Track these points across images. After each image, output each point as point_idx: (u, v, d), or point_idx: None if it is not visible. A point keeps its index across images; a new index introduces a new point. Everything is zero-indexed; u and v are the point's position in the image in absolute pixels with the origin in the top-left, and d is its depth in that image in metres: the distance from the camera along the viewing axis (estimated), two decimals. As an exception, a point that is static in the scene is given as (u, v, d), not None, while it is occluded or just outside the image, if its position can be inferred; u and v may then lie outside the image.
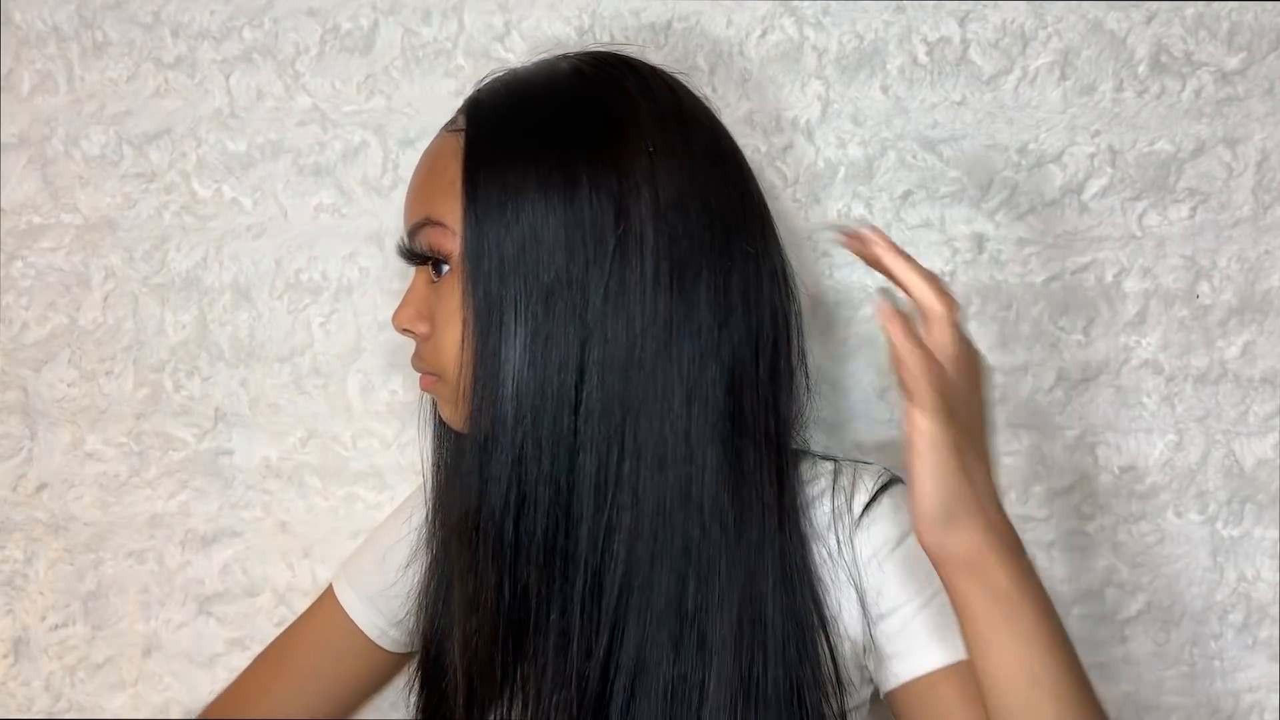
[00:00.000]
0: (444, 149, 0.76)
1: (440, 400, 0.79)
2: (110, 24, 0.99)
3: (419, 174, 0.77)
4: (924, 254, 0.97)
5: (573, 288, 0.70)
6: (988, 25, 0.95)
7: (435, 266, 0.76)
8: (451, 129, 0.77)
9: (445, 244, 0.73)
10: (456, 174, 0.73)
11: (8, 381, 1.03)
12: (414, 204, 0.76)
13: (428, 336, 0.77)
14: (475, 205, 0.71)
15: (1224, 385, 0.97)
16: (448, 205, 0.73)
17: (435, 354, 0.76)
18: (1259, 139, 0.95)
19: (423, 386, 0.79)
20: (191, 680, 1.04)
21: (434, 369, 0.77)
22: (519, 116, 0.74)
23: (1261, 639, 0.98)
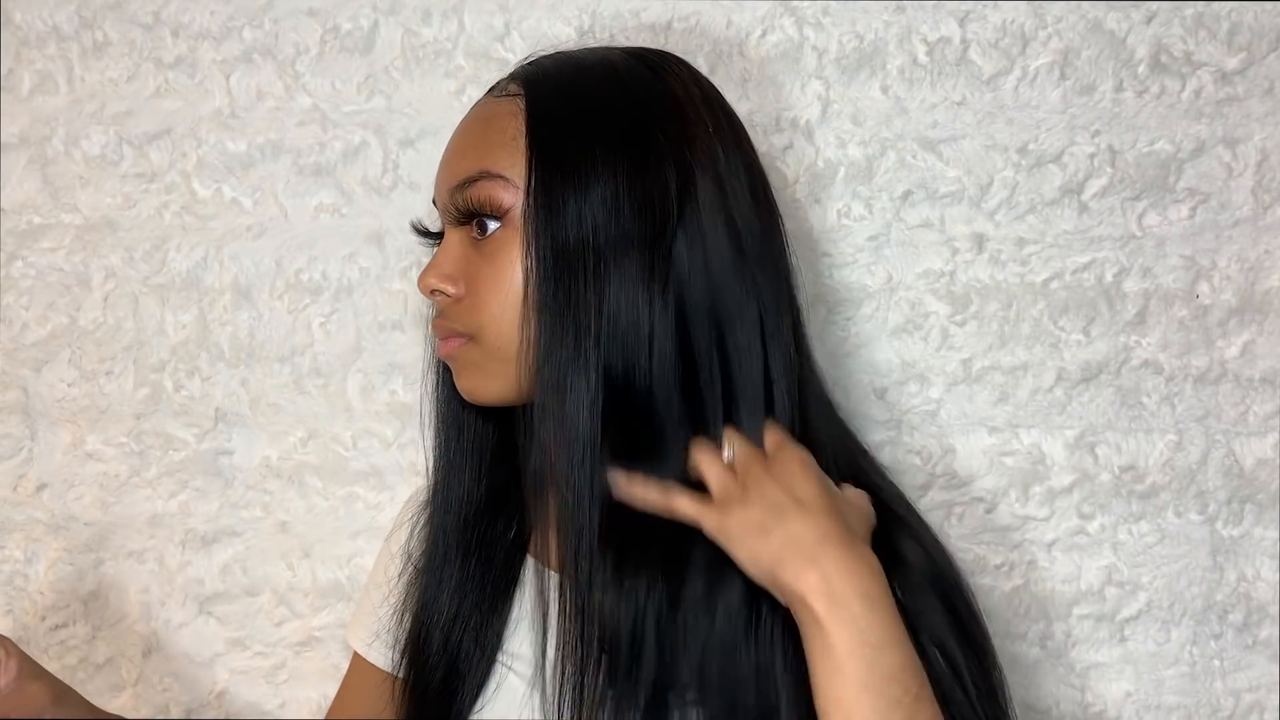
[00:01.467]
0: (497, 110, 0.75)
1: (463, 366, 0.76)
2: (110, 24, 0.99)
3: (467, 134, 0.77)
4: (924, 254, 0.97)
5: (643, 248, 0.70)
6: (988, 25, 0.95)
7: (480, 225, 0.74)
8: (501, 94, 0.77)
9: (505, 198, 0.73)
10: (517, 131, 0.73)
11: (8, 381, 1.03)
12: (462, 160, 0.75)
13: (460, 298, 0.75)
14: (544, 160, 0.72)
15: (1224, 385, 0.97)
16: (509, 160, 0.73)
17: (472, 313, 0.74)
18: (1259, 139, 0.95)
19: (444, 352, 0.77)
20: (191, 680, 1.04)
21: (468, 329, 0.74)
22: (583, 83, 0.75)
23: (1261, 639, 0.98)
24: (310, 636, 1.03)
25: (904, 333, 0.97)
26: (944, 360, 0.98)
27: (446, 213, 0.77)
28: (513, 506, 0.83)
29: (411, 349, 1.00)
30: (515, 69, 0.79)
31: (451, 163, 0.76)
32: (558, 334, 0.70)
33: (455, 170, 0.75)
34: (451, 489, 0.82)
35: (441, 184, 0.77)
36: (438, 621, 0.81)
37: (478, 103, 0.79)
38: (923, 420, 0.98)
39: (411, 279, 1.00)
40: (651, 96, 0.74)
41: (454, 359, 0.76)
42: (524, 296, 0.71)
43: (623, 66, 0.76)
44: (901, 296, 0.97)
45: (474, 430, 0.83)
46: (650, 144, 0.72)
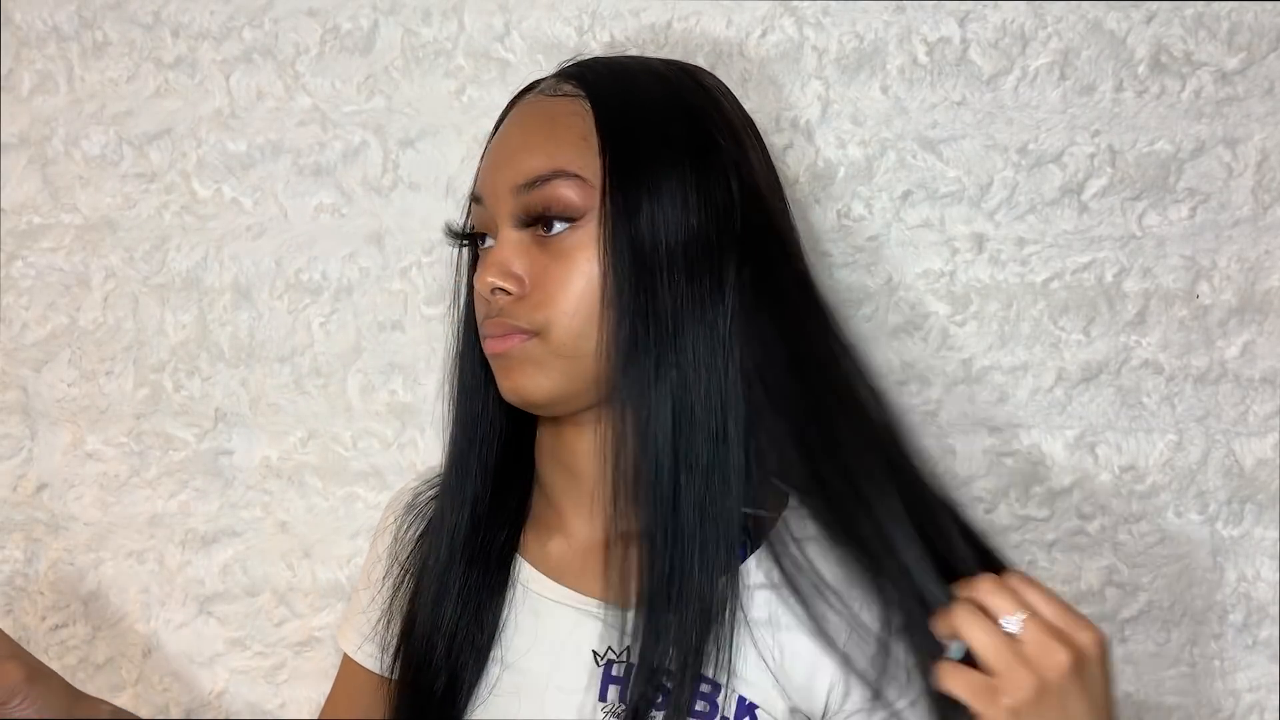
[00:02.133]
0: (560, 109, 0.74)
1: (519, 363, 0.74)
2: (110, 24, 0.99)
3: (528, 132, 0.75)
4: (924, 254, 0.97)
5: (710, 249, 0.71)
6: (988, 25, 0.95)
7: (546, 223, 0.73)
8: (556, 94, 0.76)
9: (580, 197, 0.72)
10: (588, 131, 0.73)
11: (8, 381, 1.03)
12: (529, 159, 0.73)
13: (522, 296, 0.73)
14: (618, 160, 0.72)
15: (1224, 385, 0.97)
16: (582, 159, 0.72)
17: (540, 309, 0.72)
18: (1259, 139, 0.95)
19: (500, 349, 0.74)
20: (191, 680, 1.04)
21: (534, 326, 0.73)
22: (642, 87, 0.75)
23: (1261, 639, 0.98)
24: (310, 636, 1.03)
25: (904, 333, 0.97)
26: (944, 360, 0.97)
27: (505, 211, 0.74)
28: (509, 510, 0.82)
29: (411, 349, 1.00)
30: (560, 69, 0.78)
31: (514, 161, 0.74)
32: (641, 335, 0.70)
33: (521, 169, 0.73)
34: (465, 490, 0.81)
35: (500, 182, 0.75)
36: (441, 628, 0.79)
37: (527, 100, 0.78)
38: (923, 420, 0.98)
39: (412, 279, 1.00)
40: (703, 104, 0.75)
41: (509, 356, 0.74)
42: (601, 296, 0.71)
43: (669, 74, 0.77)
44: (901, 296, 0.97)
45: (489, 432, 0.82)
46: (712, 148, 0.73)
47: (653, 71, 0.77)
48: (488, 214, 0.76)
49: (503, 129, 0.78)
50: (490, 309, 0.75)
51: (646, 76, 0.76)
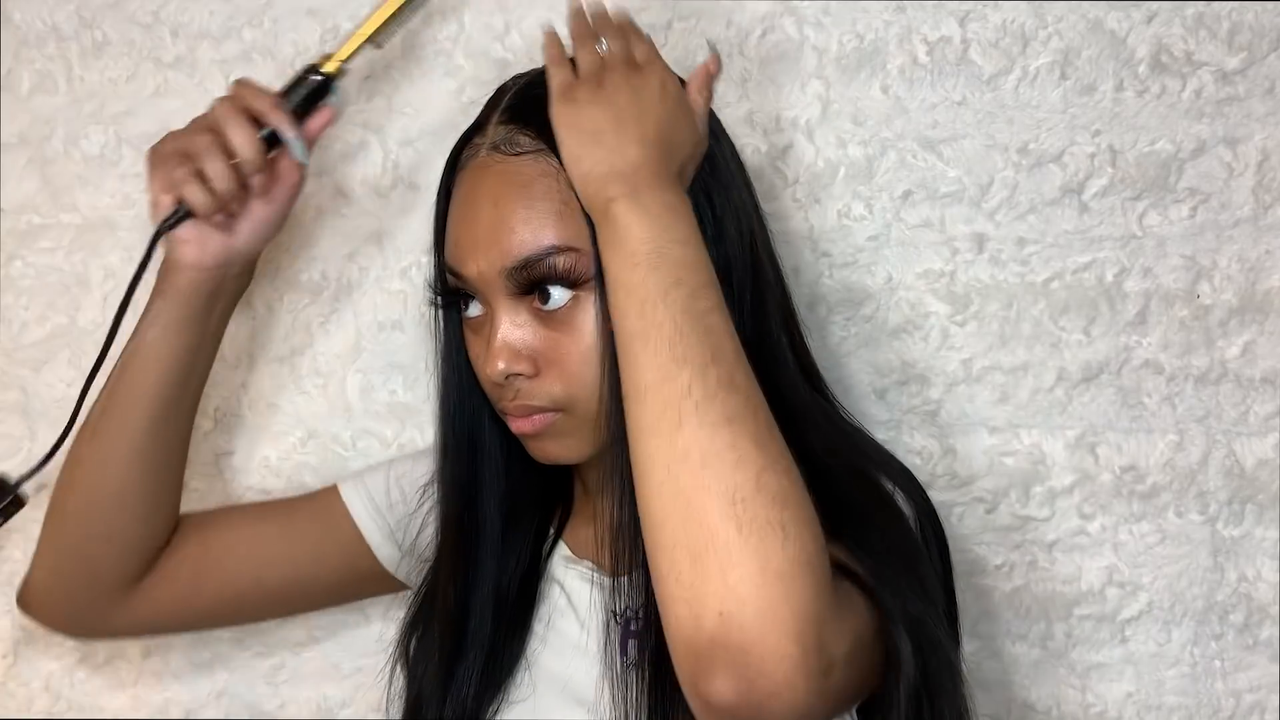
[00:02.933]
0: (528, 173, 0.73)
1: (552, 437, 0.75)
2: (110, 24, 0.99)
3: (504, 205, 0.73)
4: (924, 254, 0.97)
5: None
6: (988, 25, 0.95)
7: (544, 294, 0.72)
8: (514, 150, 0.74)
9: (577, 265, 0.71)
10: (565, 195, 0.71)
11: (8, 381, 1.03)
12: (512, 236, 0.72)
13: (535, 374, 0.73)
14: None
15: (1224, 385, 0.97)
16: (570, 228, 0.71)
17: (560, 385, 0.73)
18: (1259, 139, 0.95)
19: (531, 429, 0.75)
20: (191, 680, 1.04)
21: (557, 404, 0.73)
22: None
23: (1262, 639, 0.98)
24: (310, 636, 1.03)
25: (904, 333, 0.97)
26: (944, 360, 0.97)
27: (496, 289, 0.73)
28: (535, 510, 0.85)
29: (411, 349, 1.00)
30: (503, 110, 0.76)
31: (497, 241, 0.72)
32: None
33: (508, 251, 0.72)
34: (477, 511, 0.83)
35: (485, 264, 0.73)
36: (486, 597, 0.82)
37: (486, 163, 0.75)
38: (923, 420, 0.98)
39: (412, 279, 1.00)
40: None
41: (539, 435, 0.75)
42: (606, 358, 0.71)
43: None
44: (901, 296, 0.97)
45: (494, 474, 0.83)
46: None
47: None
48: (472, 287, 0.75)
49: (467, 197, 0.75)
50: (504, 392, 0.75)
51: None
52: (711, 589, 0.56)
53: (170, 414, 0.83)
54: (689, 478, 0.58)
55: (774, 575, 0.56)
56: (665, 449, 0.60)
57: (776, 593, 0.56)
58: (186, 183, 0.76)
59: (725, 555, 0.56)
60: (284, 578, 0.89)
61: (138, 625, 0.89)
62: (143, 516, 0.84)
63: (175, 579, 0.87)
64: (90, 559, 0.84)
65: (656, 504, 0.59)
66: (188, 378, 0.83)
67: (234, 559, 0.88)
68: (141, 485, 0.83)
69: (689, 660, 0.57)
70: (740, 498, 0.57)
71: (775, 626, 0.55)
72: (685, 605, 0.57)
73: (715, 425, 0.59)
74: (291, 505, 0.92)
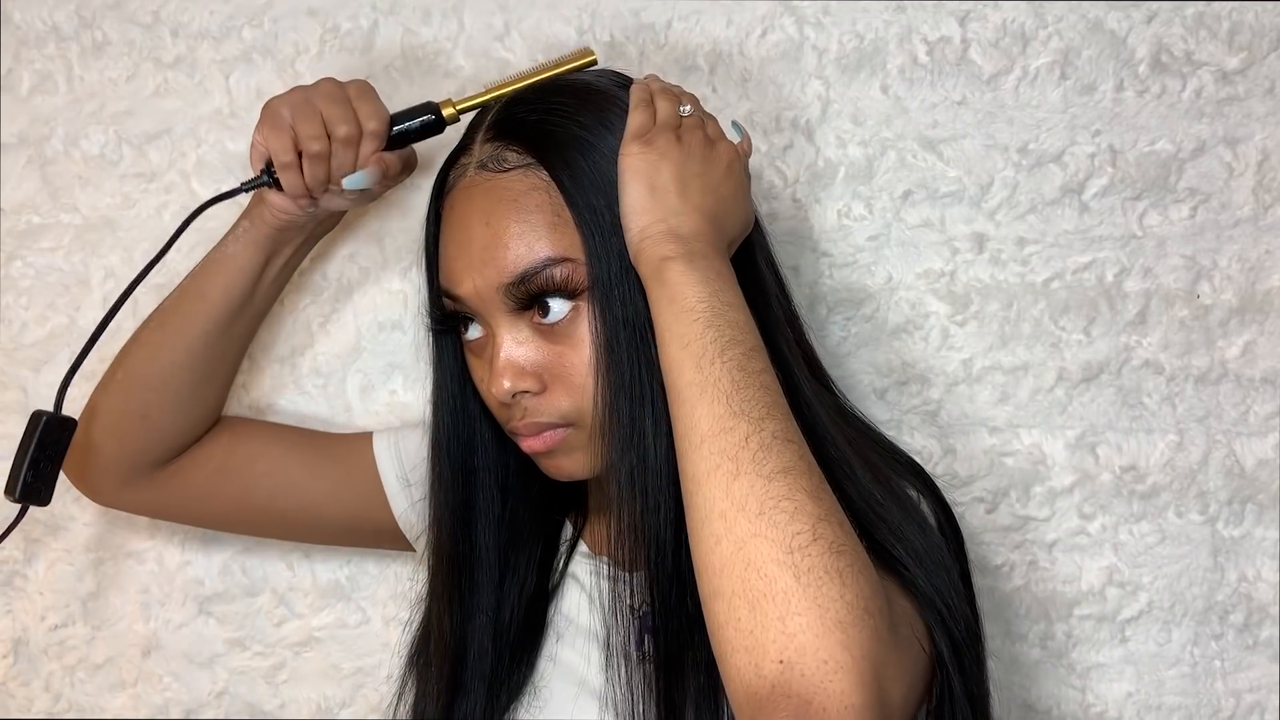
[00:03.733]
0: (517, 188, 0.73)
1: (564, 452, 0.75)
2: (110, 24, 0.99)
3: (498, 222, 0.73)
4: (924, 254, 0.97)
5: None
6: (988, 25, 0.95)
7: (544, 307, 0.73)
8: (502, 167, 0.74)
9: (574, 275, 0.71)
10: (556, 207, 0.72)
11: (8, 381, 1.03)
12: (507, 252, 0.72)
13: (542, 390, 0.74)
14: (598, 227, 0.71)
15: (1225, 385, 0.97)
16: (564, 240, 0.72)
17: (565, 399, 0.73)
18: (1259, 139, 0.95)
19: (542, 446, 0.75)
20: (191, 680, 1.04)
21: (565, 418, 0.74)
22: (580, 122, 0.73)
23: (1262, 639, 0.98)
24: (310, 636, 1.03)
25: (904, 333, 0.97)
26: (944, 360, 0.97)
27: (494, 306, 0.73)
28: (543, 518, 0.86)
29: (411, 349, 1.00)
30: (488, 127, 0.76)
31: (493, 259, 0.72)
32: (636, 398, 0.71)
33: (504, 267, 0.72)
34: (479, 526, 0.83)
35: (481, 283, 0.73)
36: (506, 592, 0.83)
37: (475, 182, 0.75)
38: (923, 421, 0.98)
39: (412, 279, 1.00)
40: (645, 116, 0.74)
41: (552, 449, 0.75)
42: (606, 367, 0.71)
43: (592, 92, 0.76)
44: (901, 296, 0.97)
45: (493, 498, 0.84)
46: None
47: (580, 101, 0.75)
48: (469, 308, 0.75)
49: (459, 219, 0.75)
50: (512, 411, 0.75)
51: (580, 112, 0.74)
52: (771, 637, 0.56)
53: (229, 325, 0.87)
54: (746, 526, 0.59)
55: (833, 623, 0.56)
56: (722, 498, 0.60)
57: (836, 640, 0.56)
58: (287, 166, 0.80)
59: (784, 603, 0.56)
60: (298, 505, 0.91)
61: (150, 506, 0.93)
62: (181, 409, 0.88)
63: (196, 474, 0.91)
64: (124, 432, 0.88)
65: (713, 552, 0.59)
66: (252, 296, 0.87)
67: (253, 473, 0.91)
68: (188, 379, 0.87)
69: (750, 707, 0.57)
70: (797, 546, 0.57)
71: (837, 674, 0.55)
72: (745, 654, 0.57)
73: (771, 477, 0.60)
74: (325, 440, 0.95)
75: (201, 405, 0.89)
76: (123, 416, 0.87)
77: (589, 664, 0.79)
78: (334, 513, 0.92)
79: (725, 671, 0.58)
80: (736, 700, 0.58)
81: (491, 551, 0.83)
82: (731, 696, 0.58)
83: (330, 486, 0.91)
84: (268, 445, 0.92)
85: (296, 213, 0.84)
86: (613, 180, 0.72)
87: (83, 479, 0.92)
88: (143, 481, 0.90)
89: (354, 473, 0.92)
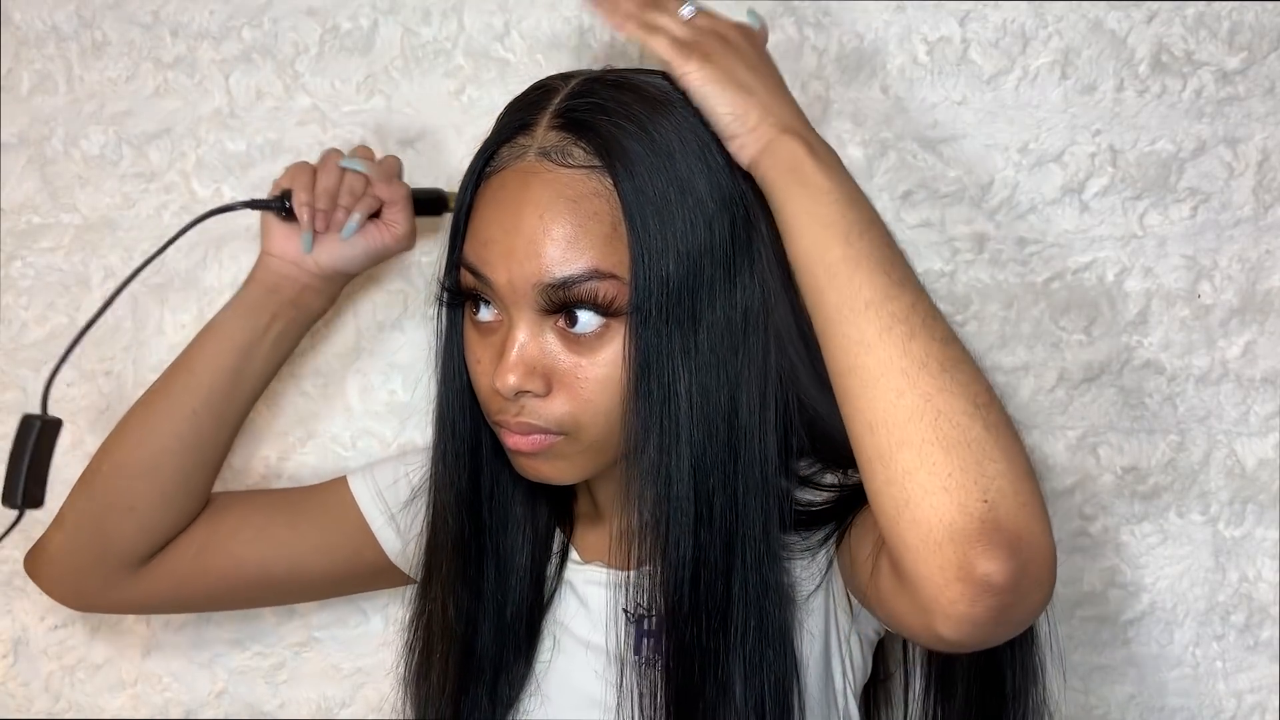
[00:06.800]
0: (580, 189, 0.69)
1: (548, 458, 0.73)
2: (110, 24, 0.99)
3: (552, 217, 0.69)
4: (924, 254, 0.97)
5: (731, 318, 0.70)
6: (988, 25, 0.95)
7: (572, 317, 0.70)
8: (568, 162, 0.70)
9: (615, 294, 0.69)
10: (615, 220, 0.69)
11: (8, 381, 1.03)
12: (557, 254, 0.69)
13: (545, 394, 0.71)
14: (650, 251, 0.68)
15: (1225, 385, 0.97)
16: (615, 255, 0.69)
17: (568, 408, 0.71)
18: (1260, 139, 0.95)
19: (529, 447, 0.73)
20: (191, 680, 1.04)
21: (562, 427, 0.71)
22: (654, 139, 0.70)
23: (1263, 640, 0.97)
24: (310, 636, 1.03)
25: (904, 333, 0.97)
26: (944, 360, 0.97)
27: (523, 301, 0.70)
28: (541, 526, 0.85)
29: (411, 349, 1.00)
30: (559, 113, 0.71)
31: (537, 253, 0.69)
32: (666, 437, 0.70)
33: (548, 266, 0.69)
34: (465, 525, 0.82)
35: (518, 274, 0.70)
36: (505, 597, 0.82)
37: (534, 168, 0.71)
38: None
39: (412, 279, 1.00)
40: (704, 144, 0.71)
41: (534, 455, 0.73)
42: (634, 392, 0.70)
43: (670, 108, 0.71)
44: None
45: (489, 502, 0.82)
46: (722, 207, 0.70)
47: (659, 116, 0.71)
48: (493, 293, 0.72)
49: (510, 200, 0.71)
50: (507, 406, 0.72)
51: (656, 127, 0.70)
52: (973, 477, 0.58)
53: (219, 405, 0.85)
54: (931, 381, 0.60)
55: (1023, 473, 0.59)
56: (900, 357, 0.61)
57: (1030, 489, 0.59)
58: (302, 186, 0.83)
59: (980, 449, 0.58)
60: (291, 566, 0.89)
61: (138, 602, 0.90)
62: (169, 497, 0.85)
63: (180, 560, 0.88)
64: (108, 529, 0.85)
65: (896, 405, 0.60)
66: (243, 371, 0.85)
67: (239, 544, 0.89)
68: (177, 467, 0.85)
69: (956, 543, 0.57)
70: (981, 403, 0.60)
71: (1038, 520, 0.58)
72: (945, 494, 0.58)
73: (945, 340, 0.62)
74: (300, 494, 0.93)
75: (190, 496, 0.87)
76: (107, 510, 0.84)
77: (588, 672, 0.79)
78: (326, 563, 0.90)
79: (914, 516, 0.58)
80: (931, 540, 0.58)
81: (497, 534, 0.81)
82: (923, 540, 0.58)
83: (317, 538, 0.90)
84: (247, 514, 0.90)
85: (295, 260, 0.84)
86: (671, 203, 0.69)
87: (68, 590, 0.89)
88: (126, 579, 0.87)
89: (337, 519, 0.90)
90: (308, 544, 0.90)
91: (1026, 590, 0.58)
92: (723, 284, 0.70)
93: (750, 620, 0.71)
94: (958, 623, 0.57)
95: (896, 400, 0.60)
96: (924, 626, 0.59)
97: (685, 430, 0.69)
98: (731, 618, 0.71)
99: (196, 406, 0.84)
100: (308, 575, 0.90)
